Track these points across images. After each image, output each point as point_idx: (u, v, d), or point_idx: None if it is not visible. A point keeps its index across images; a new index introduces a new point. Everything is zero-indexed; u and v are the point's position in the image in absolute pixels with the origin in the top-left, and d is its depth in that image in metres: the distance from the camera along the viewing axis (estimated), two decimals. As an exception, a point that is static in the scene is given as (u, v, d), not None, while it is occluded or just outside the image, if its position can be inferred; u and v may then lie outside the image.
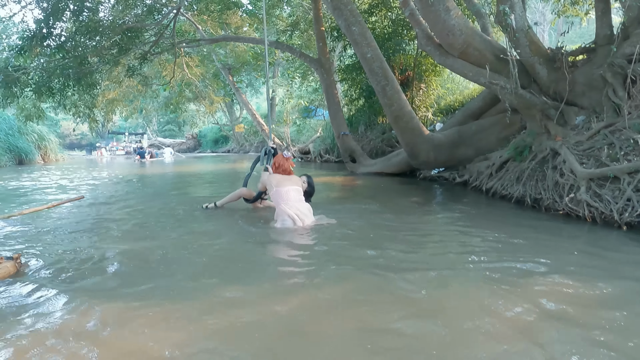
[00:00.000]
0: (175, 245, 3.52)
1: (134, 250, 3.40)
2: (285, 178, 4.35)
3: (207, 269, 2.89)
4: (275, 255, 3.36)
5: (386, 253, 3.19)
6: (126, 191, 7.76)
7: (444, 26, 5.75)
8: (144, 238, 3.84)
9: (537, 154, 5.53)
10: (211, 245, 3.54)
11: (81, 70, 9.42)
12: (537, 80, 5.63)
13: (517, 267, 2.81)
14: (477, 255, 3.13)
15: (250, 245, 3.54)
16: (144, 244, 3.58)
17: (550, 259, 2.97)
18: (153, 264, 3.01)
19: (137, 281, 2.65)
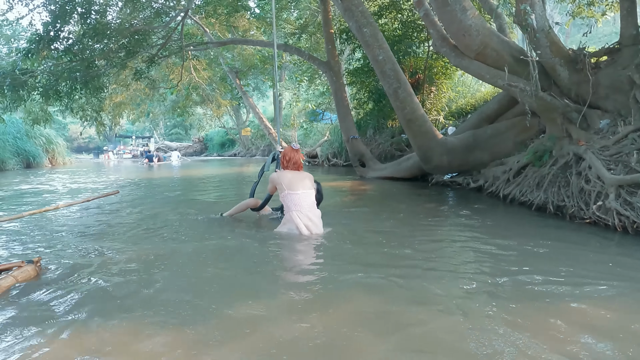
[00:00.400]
0: (181, 255, 3.34)
1: (144, 259, 3.24)
2: (296, 177, 4.01)
3: (220, 283, 2.71)
4: (288, 265, 3.17)
5: (405, 262, 3.02)
6: (137, 196, 7.63)
7: (460, 27, 5.56)
8: (152, 246, 3.67)
9: (558, 158, 5.32)
10: (220, 256, 3.35)
11: (88, 74, 9.33)
12: (558, 82, 5.42)
13: (545, 280, 2.62)
14: (501, 265, 2.94)
15: (260, 255, 3.36)
16: (152, 253, 3.42)
17: (580, 270, 2.79)
18: (158, 276, 2.83)
19: (149, 298, 2.47)
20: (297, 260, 3.27)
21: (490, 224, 4.51)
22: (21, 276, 2.65)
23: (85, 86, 9.67)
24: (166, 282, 2.69)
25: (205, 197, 7.54)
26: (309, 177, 4.10)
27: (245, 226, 4.47)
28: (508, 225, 4.43)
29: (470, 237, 3.86)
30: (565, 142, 5.33)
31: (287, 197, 3.93)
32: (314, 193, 4.04)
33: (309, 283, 2.68)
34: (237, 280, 2.77)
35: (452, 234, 4.13)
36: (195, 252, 3.43)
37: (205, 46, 13.31)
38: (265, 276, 2.83)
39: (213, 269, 2.98)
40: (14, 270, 2.69)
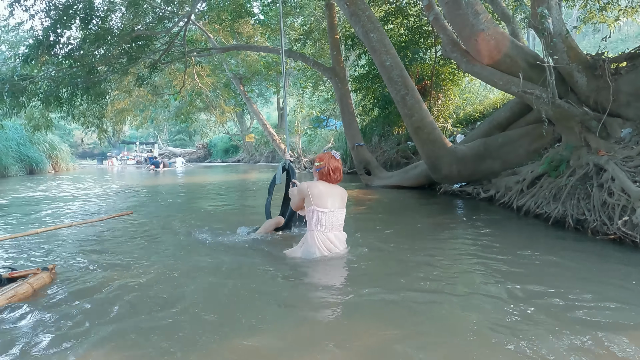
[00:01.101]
0: (186, 277, 3.07)
1: (152, 276, 3.07)
2: (328, 191, 3.36)
3: (230, 310, 2.45)
4: (297, 290, 2.88)
5: (424, 285, 2.78)
6: (147, 206, 7.42)
7: (472, 31, 5.33)
8: (161, 262, 3.46)
9: (575, 169, 5.05)
10: (229, 278, 3.06)
11: (89, 80, 9.18)
12: (575, 89, 5.17)
13: (572, 305, 2.39)
14: (526, 287, 2.69)
15: (269, 277, 3.10)
16: (160, 269, 3.24)
17: (606, 292, 2.56)
18: (166, 301, 2.60)
19: (149, 319, 2.30)
20: (310, 284, 2.99)
21: (506, 239, 4.24)
22: (36, 283, 2.70)
23: (86, 92, 9.51)
24: (167, 306, 2.49)
25: (213, 206, 7.32)
26: (343, 194, 3.48)
27: (257, 245, 4.10)
28: (526, 241, 4.14)
29: (488, 254, 3.59)
30: (583, 151, 5.06)
31: (312, 214, 3.36)
32: (344, 213, 3.50)
33: (323, 310, 2.45)
34: (249, 305, 2.52)
35: (468, 248, 3.86)
36: (204, 272, 3.18)
37: (209, 52, 13.16)
38: (275, 302, 2.58)
39: (223, 292, 2.74)
40: (29, 277, 2.73)
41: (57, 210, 6.88)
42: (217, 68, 18.40)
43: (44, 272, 2.84)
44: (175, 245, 4.15)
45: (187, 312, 2.38)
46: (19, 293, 2.53)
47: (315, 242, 3.32)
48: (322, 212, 3.31)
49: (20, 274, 2.79)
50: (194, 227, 4.99)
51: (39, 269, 2.85)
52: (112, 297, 2.60)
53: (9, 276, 2.74)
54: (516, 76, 5.40)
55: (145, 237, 4.58)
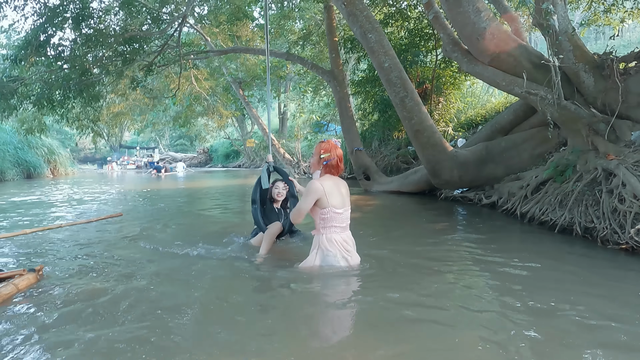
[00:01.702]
0: (190, 289, 2.83)
1: (150, 294, 2.79)
2: (337, 187, 2.96)
3: (239, 328, 2.22)
4: (299, 303, 2.62)
5: (433, 301, 2.56)
6: (149, 209, 7.20)
7: (473, 29, 5.10)
8: (157, 277, 3.18)
9: (582, 174, 4.80)
10: (239, 294, 2.80)
11: (82, 82, 8.97)
12: (582, 90, 4.92)
13: (583, 323, 2.17)
14: (535, 299, 2.48)
15: (272, 289, 2.88)
16: (158, 286, 2.95)
17: (621, 309, 2.34)
18: (155, 311, 2.37)
19: (131, 335, 2.11)
20: (314, 296, 2.73)
21: (511, 249, 3.98)
22: (22, 284, 2.75)
23: (79, 95, 9.31)
24: (168, 320, 2.29)
25: (214, 213, 7.08)
26: (347, 187, 3.12)
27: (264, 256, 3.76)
28: (533, 251, 3.87)
29: (493, 265, 3.34)
30: (590, 155, 4.81)
31: (327, 215, 2.92)
32: (349, 210, 3.09)
33: (332, 325, 2.30)
34: (256, 321, 2.29)
35: (472, 259, 3.60)
36: (207, 285, 2.94)
37: (206, 55, 12.97)
38: (284, 316, 2.36)
39: (229, 311, 2.48)
40: (15, 278, 2.79)
41: (38, 215, 6.65)
42: (216, 72, 18.22)
43: (30, 273, 2.92)
44: (171, 253, 3.90)
45: (184, 327, 2.19)
46: (2, 293, 2.57)
47: (336, 245, 2.98)
48: (339, 212, 2.93)
49: (7, 274, 2.86)
50: (194, 234, 4.77)
51: (25, 270, 2.92)
52: (95, 303, 2.55)
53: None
54: (520, 77, 5.16)
55: (140, 241, 4.43)
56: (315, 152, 3.01)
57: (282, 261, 3.46)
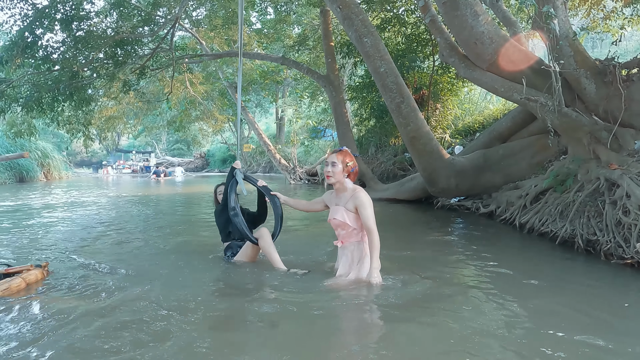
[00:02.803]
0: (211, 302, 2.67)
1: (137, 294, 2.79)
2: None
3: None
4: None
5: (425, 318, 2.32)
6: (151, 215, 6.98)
7: (471, 34, 4.94)
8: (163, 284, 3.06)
9: (583, 184, 4.62)
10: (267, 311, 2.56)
11: (72, 84, 8.77)
12: (583, 96, 4.75)
13: (592, 339, 2.00)
14: (532, 318, 2.31)
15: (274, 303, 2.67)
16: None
17: (629, 332, 2.14)
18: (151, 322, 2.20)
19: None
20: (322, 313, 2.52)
21: (510, 261, 3.78)
22: (29, 278, 2.92)
23: (69, 98, 9.10)
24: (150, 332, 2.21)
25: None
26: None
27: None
28: (532, 265, 3.69)
29: (491, 280, 3.17)
30: (592, 165, 4.63)
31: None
32: None
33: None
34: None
35: (469, 273, 3.43)
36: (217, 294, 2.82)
37: (200, 59, 12.79)
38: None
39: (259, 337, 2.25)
40: (23, 273, 2.95)
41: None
42: (212, 76, 18.05)
43: (37, 269, 3.06)
44: (180, 260, 3.77)
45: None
46: (12, 287, 2.75)
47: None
48: None
49: (15, 270, 3.01)
50: (203, 243, 4.62)
51: (32, 266, 3.07)
52: (98, 298, 2.69)
53: (4, 272, 2.95)
54: (518, 82, 4.99)
55: (148, 245, 4.51)
56: (339, 160, 2.97)
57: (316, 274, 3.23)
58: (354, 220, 2.96)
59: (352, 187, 3.00)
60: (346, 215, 2.96)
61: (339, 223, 3.00)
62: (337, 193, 3.07)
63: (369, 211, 2.89)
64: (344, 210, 2.97)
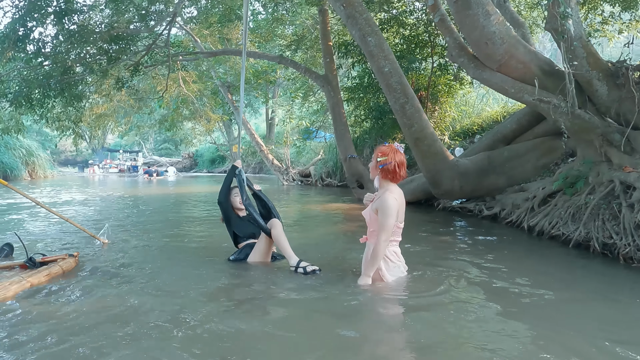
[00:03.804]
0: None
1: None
2: (402, 197, 2.89)
3: None
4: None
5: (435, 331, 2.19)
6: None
7: (482, 34, 4.87)
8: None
9: (595, 186, 4.58)
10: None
11: (64, 80, 8.49)
12: (594, 99, 4.72)
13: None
14: (553, 328, 2.17)
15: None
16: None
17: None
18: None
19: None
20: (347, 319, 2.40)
21: (523, 266, 3.70)
22: (65, 266, 3.23)
23: (60, 94, 8.82)
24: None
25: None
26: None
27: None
28: (548, 269, 3.61)
29: (505, 284, 3.06)
30: (603, 167, 4.60)
31: (392, 230, 2.83)
32: None
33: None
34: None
35: (480, 277, 3.27)
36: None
37: (195, 57, 12.57)
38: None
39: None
40: (59, 262, 3.24)
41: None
42: (205, 75, 17.79)
43: (71, 257, 3.38)
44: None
45: None
46: (52, 273, 3.08)
47: (396, 257, 2.95)
48: (401, 227, 2.89)
49: (50, 258, 3.30)
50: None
51: (67, 255, 3.40)
52: (125, 291, 2.87)
53: (41, 260, 3.25)
54: (528, 84, 4.95)
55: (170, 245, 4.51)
56: (374, 156, 2.88)
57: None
58: (374, 222, 2.83)
59: (387, 188, 2.84)
60: (369, 214, 2.87)
61: (366, 220, 2.93)
62: (379, 190, 2.94)
63: (386, 218, 2.72)
64: (370, 209, 2.87)
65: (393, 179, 2.84)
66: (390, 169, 2.80)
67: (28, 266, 3.13)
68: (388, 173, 2.81)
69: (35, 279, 2.90)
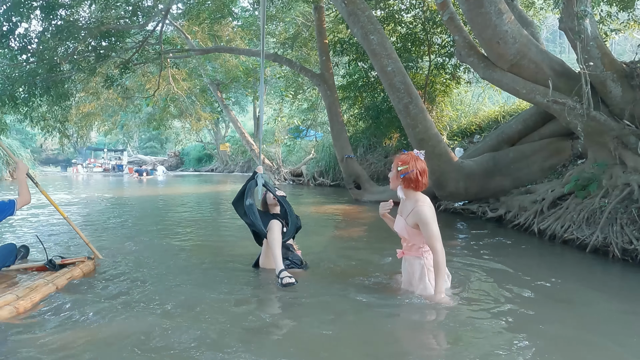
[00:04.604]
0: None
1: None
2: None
3: None
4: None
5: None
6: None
7: (494, 32, 4.74)
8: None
9: (609, 189, 4.50)
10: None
11: (50, 78, 8.13)
12: (608, 100, 4.63)
13: None
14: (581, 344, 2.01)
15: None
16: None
17: None
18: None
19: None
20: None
21: (540, 272, 3.53)
22: (85, 269, 3.28)
23: (46, 92, 8.44)
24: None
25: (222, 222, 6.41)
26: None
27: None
28: (567, 277, 3.49)
29: (521, 292, 2.90)
30: (617, 170, 4.52)
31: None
32: None
33: None
34: None
35: (492, 285, 3.10)
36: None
37: (187, 54, 12.23)
38: None
39: None
40: (78, 264, 3.29)
41: None
42: (194, 72, 17.41)
43: (90, 260, 3.43)
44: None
45: None
46: (74, 275, 3.13)
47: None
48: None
49: (70, 261, 3.34)
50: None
51: (86, 258, 3.44)
52: (142, 285, 3.03)
53: (61, 262, 3.29)
54: (540, 84, 4.84)
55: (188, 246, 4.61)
56: (393, 166, 2.74)
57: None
58: (414, 236, 2.69)
59: (415, 199, 2.69)
60: (405, 229, 2.72)
61: (400, 234, 2.80)
62: (404, 200, 2.77)
63: (431, 228, 2.56)
64: (404, 224, 2.72)
65: (416, 187, 2.70)
66: (413, 178, 2.66)
67: (48, 268, 3.18)
68: (411, 182, 2.67)
69: (60, 281, 2.96)
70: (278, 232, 3.20)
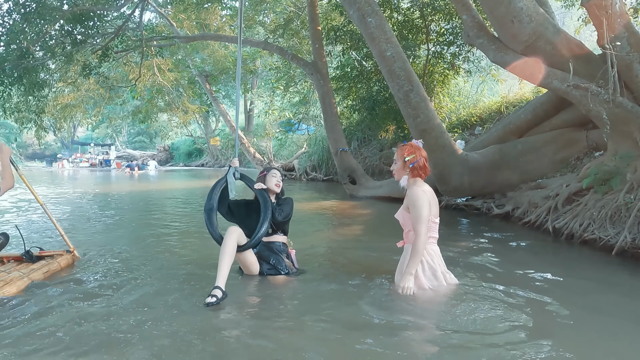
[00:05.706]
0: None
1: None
2: (432, 191, 2.75)
3: None
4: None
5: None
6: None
7: (508, 10, 4.26)
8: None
9: (634, 184, 4.07)
10: None
11: (21, 65, 7.51)
12: (632, 85, 4.19)
13: None
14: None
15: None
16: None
17: None
18: None
19: None
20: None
21: (565, 281, 3.08)
22: (63, 262, 3.26)
23: (17, 81, 7.82)
24: None
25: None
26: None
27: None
28: (592, 278, 3.06)
29: (540, 303, 2.46)
30: (642, 163, 4.09)
31: (431, 228, 2.68)
32: None
33: None
34: None
35: (505, 292, 2.66)
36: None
37: (172, 41, 11.60)
38: None
39: None
40: (56, 257, 3.26)
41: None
42: (181, 63, 16.74)
43: (68, 254, 3.36)
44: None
45: None
46: (51, 270, 3.04)
47: (436, 258, 2.73)
48: (436, 222, 2.73)
49: (48, 253, 3.31)
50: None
51: (65, 251, 3.37)
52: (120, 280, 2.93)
53: (39, 254, 3.23)
54: (557, 68, 4.39)
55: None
56: (398, 157, 2.78)
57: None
58: (409, 221, 2.69)
59: (412, 184, 2.72)
60: (402, 216, 2.75)
61: (400, 223, 2.80)
62: (407, 190, 2.77)
63: (417, 210, 2.57)
64: (402, 210, 2.75)
65: (424, 175, 2.76)
66: (421, 165, 2.73)
67: (25, 259, 3.12)
68: (420, 170, 2.72)
69: (35, 275, 2.88)
70: (231, 241, 2.75)
